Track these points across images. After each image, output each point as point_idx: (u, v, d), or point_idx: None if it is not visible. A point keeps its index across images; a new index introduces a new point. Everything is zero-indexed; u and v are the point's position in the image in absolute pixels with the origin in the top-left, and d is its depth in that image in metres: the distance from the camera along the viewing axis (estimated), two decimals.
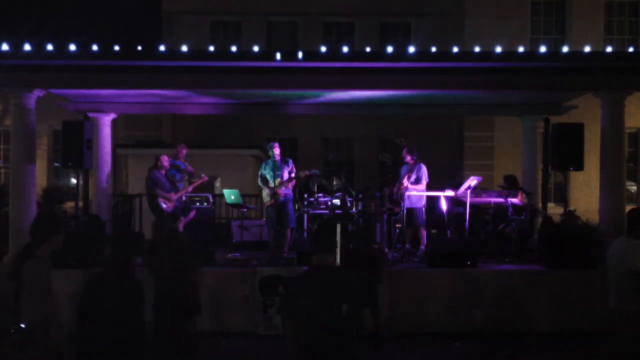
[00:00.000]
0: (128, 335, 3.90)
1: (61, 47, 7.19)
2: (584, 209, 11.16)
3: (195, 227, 9.14)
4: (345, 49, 7.39)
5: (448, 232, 9.11)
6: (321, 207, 8.75)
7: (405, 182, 8.40)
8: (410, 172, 8.49)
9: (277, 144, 8.51)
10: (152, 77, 7.61)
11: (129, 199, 10.95)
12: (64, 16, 13.76)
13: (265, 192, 8.52)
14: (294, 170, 8.55)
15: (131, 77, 7.64)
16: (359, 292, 3.77)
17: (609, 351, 5.33)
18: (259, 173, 8.62)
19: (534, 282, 7.45)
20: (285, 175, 8.40)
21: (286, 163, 8.50)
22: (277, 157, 8.41)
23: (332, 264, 3.74)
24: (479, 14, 13.55)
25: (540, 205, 9.68)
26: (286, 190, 8.44)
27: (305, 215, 8.76)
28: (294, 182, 8.55)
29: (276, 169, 8.36)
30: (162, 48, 7.30)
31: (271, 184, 8.35)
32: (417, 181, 8.46)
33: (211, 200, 10.19)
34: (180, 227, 8.69)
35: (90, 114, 9.30)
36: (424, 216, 8.60)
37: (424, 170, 8.52)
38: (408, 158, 8.58)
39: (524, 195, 8.49)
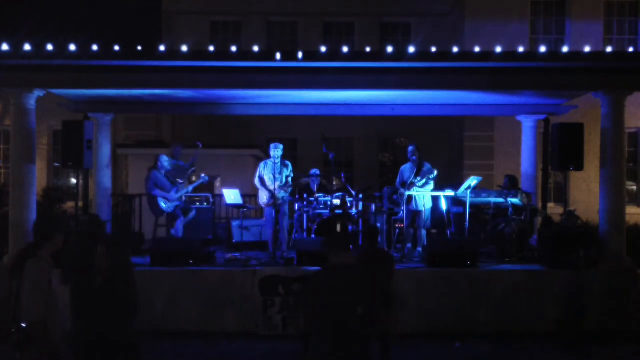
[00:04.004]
0: (125, 335, 3.92)
1: (61, 47, 7.18)
2: (584, 209, 11.15)
3: (195, 227, 9.14)
4: (345, 49, 7.38)
5: (448, 232, 9.11)
6: (321, 207, 8.75)
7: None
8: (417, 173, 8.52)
9: (281, 146, 8.49)
10: (152, 77, 7.60)
11: (129, 199, 10.95)
12: (64, 16, 13.76)
13: (263, 192, 8.52)
14: (292, 174, 8.56)
15: (131, 77, 7.63)
16: (376, 292, 3.79)
17: None
18: (257, 173, 8.61)
19: (534, 282, 7.45)
20: (284, 179, 8.41)
21: (286, 166, 8.51)
22: (278, 159, 8.40)
23: (349, 263, 3.75)
24: (479, 14, 13.55)
25: (540, 205, 9.69)
26: (284, 193, 8.47)
27: (305, 215, 8.76)
28: (291, 186, 8.58)
29: (275, 171, 8.35)
30: (162, 48, 7.29)
31: (270, 186, 8.34)
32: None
33: (211, 200, 10.19)
34: (180, 227, 8.70)
35: (90, 114, 9.30)
36: (427, 218, 8.62)
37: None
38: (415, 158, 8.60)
39: (523, 195, 8.50)
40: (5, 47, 7.14)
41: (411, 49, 7.40)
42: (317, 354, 3.61)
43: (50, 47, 7.17)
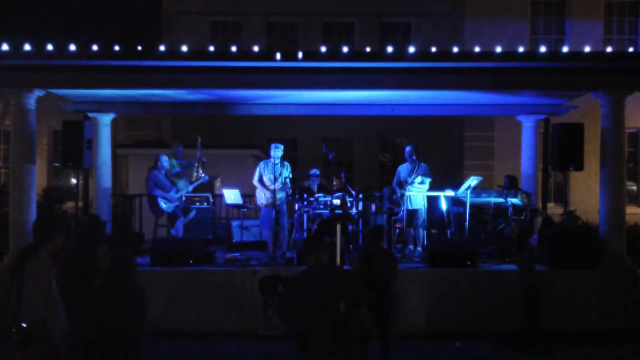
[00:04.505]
0: (125, 335, 3.92)
1: (61, 47, 7.17)
2: (584, 209, 11.16)
3: (195, 227, 9.14)
4: (345, 49, 7.38)
5: (448, 232, 9.11)
6: (321, 207, 8.75)
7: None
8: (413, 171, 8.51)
9: (281, 146, 8.51)
10: (152, 77, 7.60)
11: (129, 199, 10.95)
12: (64, 16, 13.77)
13: (261, 192, 8.52)
14: (291, 175, 8.58)
15: (131, 77, 7.62)
16: (356, 291, 3.78)
17: None
18: (257, 172, 8.62)
19: None
20: (283, 180, 8.42)
21: (285, 167, 8.52)
22: (278, 160, 8.42)
23: (326, 263, 3.75)
24: (479, 14, 13.55)
25: (540, 205, 9.69)
26: (283, 193, 8.47)
27: (305, 215, 8.76)
28: (290, 187, 8.59)
29: (275, 172, 8.36)
30: (162, 48, 7.29)
31: (270, 186, 8.35)
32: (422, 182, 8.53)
33: (211, 200, 10.19)
34: (180, 227, 8.70)
35: (90, 114, 9.29)
36: (424, 217, 8.61)
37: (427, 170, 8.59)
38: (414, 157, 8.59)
39: (523, 195, 8.50)
40: (5, 47, 7.14)
41: (411, 49, 7.40)
42: (304, 355, 3.63)
43: (50, 47, 7.16)
